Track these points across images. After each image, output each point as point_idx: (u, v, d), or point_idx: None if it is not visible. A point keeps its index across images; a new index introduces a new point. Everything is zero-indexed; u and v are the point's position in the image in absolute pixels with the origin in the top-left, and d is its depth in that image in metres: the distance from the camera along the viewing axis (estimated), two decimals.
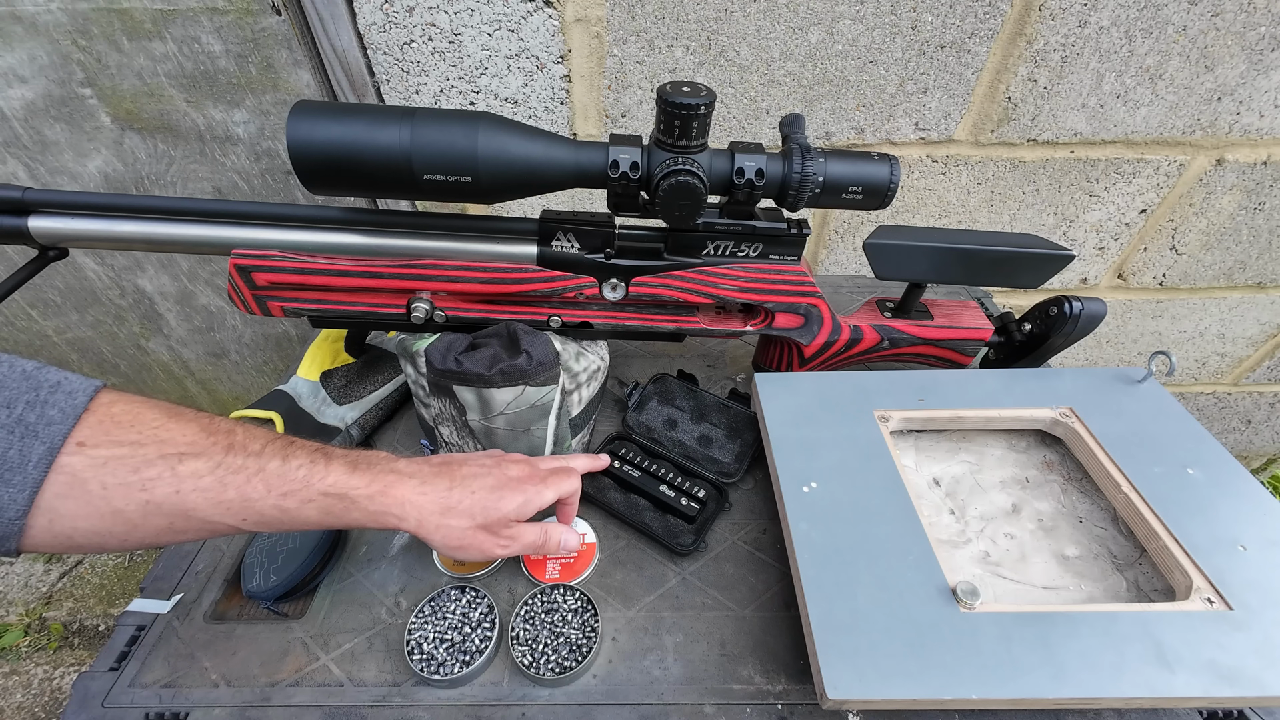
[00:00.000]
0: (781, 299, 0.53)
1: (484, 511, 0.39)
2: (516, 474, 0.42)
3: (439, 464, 0.41)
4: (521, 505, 0.41)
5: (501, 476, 0.41)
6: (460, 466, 0.41)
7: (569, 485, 0.44)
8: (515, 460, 0.44)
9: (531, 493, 0.41)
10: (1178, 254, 0.91)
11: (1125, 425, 0.50)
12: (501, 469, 0.42)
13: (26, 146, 0.79)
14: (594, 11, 0.66)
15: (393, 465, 0.39)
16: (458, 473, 0.41)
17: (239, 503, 0.34)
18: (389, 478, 0.38)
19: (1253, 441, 1.30)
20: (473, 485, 0.40)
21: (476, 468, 0.42)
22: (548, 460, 0.46)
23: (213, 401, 1.16)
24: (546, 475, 0.43)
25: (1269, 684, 0.35)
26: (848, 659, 0.36)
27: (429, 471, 0.40)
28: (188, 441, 0.33)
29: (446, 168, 0.40)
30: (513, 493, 0.41)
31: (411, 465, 0.40)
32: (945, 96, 0.73)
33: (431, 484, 0.39)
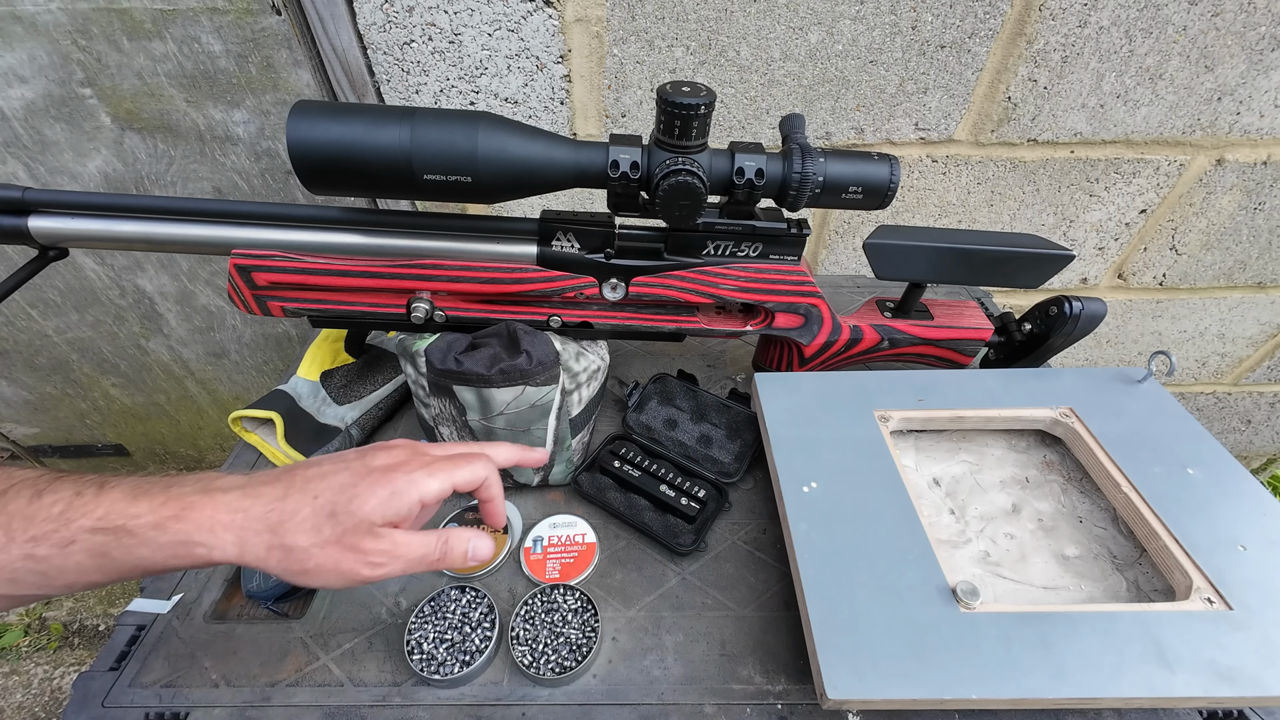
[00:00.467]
0: (781, 299, 0.53)
1: (332, 519, 0.31)
2: (384, 462, 0.34)
3: (281, 470, 0.33)
4: (387, 500, 0.32)
5: (361, 469, 0.33)
6: (306, 468, 0.33)
7: (466, 473, 0.35)
8: (391, 446, 0.36)
9: (402, 483, 0.33)
10: (1178, 254, 0.91)
11: (1125, 425, 0.50)
12: (365, 460, 0.34)
13: (26, 146, 0.79)
14: (594, 11, 0.66)
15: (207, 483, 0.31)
16: (299, 475, 0.33)
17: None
18: (192, 498, 0.30)
19: (1253, 441, 1.30)
20: (317, 488, 0.32)
21: (329, 465, 0.34)
22: (450, 445, 0.38)
23: (213, 401, 1.17)
24: (431, 461, 0.34)
25: (1269, 684, 0.35)
26: (848, 659, 0.36)
27: (259, 480, 0.32)
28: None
29: (446, 168, 0.40)
30: (372, 486, 0.32)
31: (239, 478, 0.32)
32: (945, 96, 0.74)
33: (257, 495, 0.31)
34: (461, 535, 0.35)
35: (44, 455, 1.26)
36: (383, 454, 0.35)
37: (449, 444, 0.38)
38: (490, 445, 0.40)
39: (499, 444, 0.41)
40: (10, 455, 1.24)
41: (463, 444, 0.39)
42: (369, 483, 0.32)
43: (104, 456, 1.27)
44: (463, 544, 0.35)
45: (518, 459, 0.41)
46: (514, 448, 0.41)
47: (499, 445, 0.40)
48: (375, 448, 0.36)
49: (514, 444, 0.42)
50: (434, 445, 0.38)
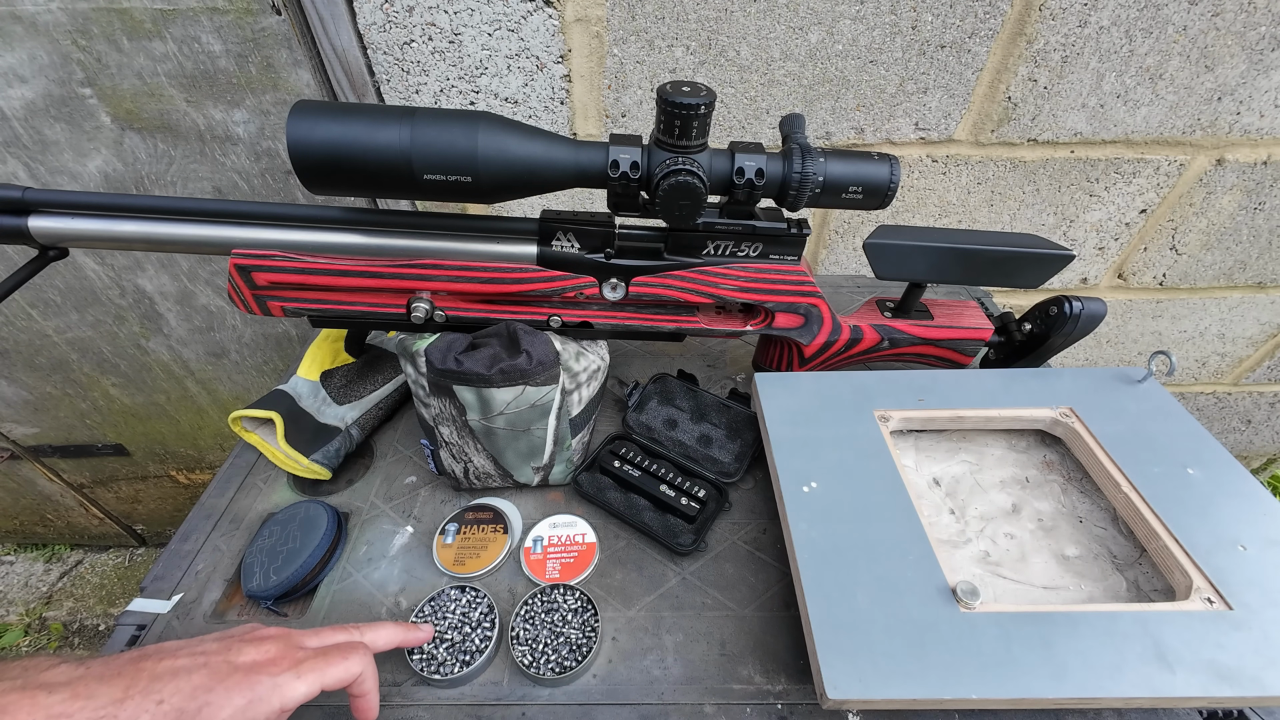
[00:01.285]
0: (781, 299, 0.53)
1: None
2: (249, 659, 0.30)
3: (127, 661, 0.29)
4: (243, 710, 0.28)
5: (221, 667, 0.29)
6: (159, 660, 0.29)
7: (339, 670, 0.32)
8: (260, 638, 0.32)
9: (265, 687, 0.29)
10: (1178, 254, 0.91)
11: (1125, 425, 0.50)
12: (227, 653, 0.30)
13: (26, 146, 0.79)
14: (594, 11, 0.66)
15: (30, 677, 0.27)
16: (148, 670, 0.28)
17: None
18: (9, 697, 0.26)
19: (1253, 441, 1.30)
20: (164, 689, 0.28)
21: (187, 658, 0.29)
22: (327, 632, 0.34)
23: (213, 401, 1.17)
24: (303, 659, 0.31)
25: (1269, 684, 0.35)
26: (848, 659, 0.36)
27: (95, 675, 0.28)
28: None
29: (446, 167, 0.40)
30: (230, 691, 0.28)
31: (73, 669, 0.28)
32: (945, 96, 0.73)
33: (88, 696, 0.26)
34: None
35: (44, 455, 1.26)
36: (250, 648, 0.31)
37: (325, 631, 0.36)
38: (370, 628, 0.38)
39: (380, 626, 0.38)
40: (10, 455, 1.24)
41: (341, 629, 0.37)
42: (226, 686, 0.29)
43: (104, 456, 1.27)
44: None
45: (400, 641, 0.39)
46: (395, 629, 0.39)
47: (380, 628, 0.38)
48: (242, 638, 0.32)
49: (396, 625, 0.40)
50: (308, 634, 0.34)
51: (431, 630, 0.42)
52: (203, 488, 0.77)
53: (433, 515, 0.54)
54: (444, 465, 0.53)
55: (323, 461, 0.55)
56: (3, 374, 1.09)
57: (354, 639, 0.36)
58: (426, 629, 0.42)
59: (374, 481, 0.57)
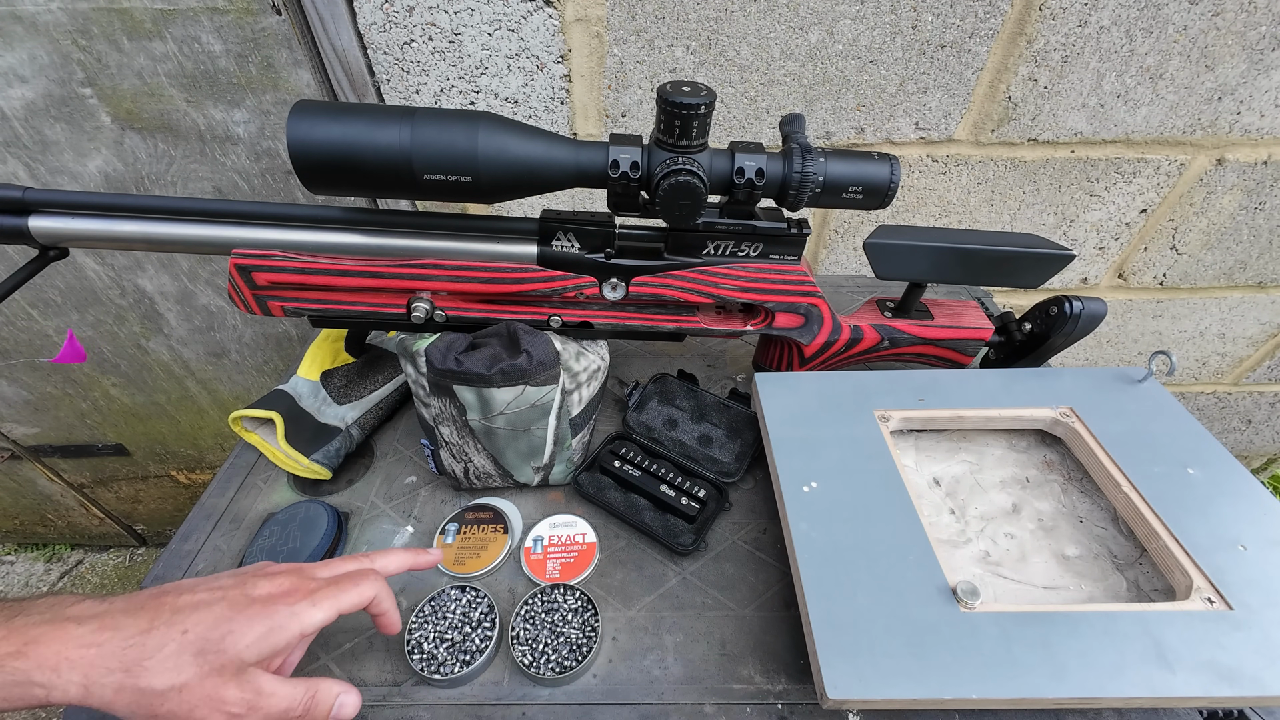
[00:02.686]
0: (782, 299, 0.53)
1: (200, 658, 0.28)
2: (266, 591, 0.31)
3: (148, 596, 0.30)
4: (265, 636, 0.29)
5: (239, 599, 0.30)
6: (179, 595, 0.30)
7: (354, 596, 0.33)
8: (274, 572, 0.33)
9: (283, 615, 0.30)
10: (1178, 254, 0.91)
11: (1125, 425, 0.50)
12: (244, 587, 0.31)
13: (27, 146, 0.79)
14: (594, 11, 0.66)
15: (58, 611, 0.28)
16: (169, 604, 0.29)
17: None
18: (38, 630, 0.27)
19: (1253, 441, 1.30)
20: (187, 620, 0.29)
21: (205, 592, 0.30)
22: (336, 563, 0.36)
23: (213, 401, 1.17)
24: (317, 588, 0.32)
25: (1269, 684, 0.35)
26: (848, 659, 0.36)
27: (120, 609, 0.29)
28: None
29: (446, 167, 0.40)
30: (250, 620, 0.29)
31: (97, 604, 0.29)
32: (945, 96, 0.73)
33: (116, 627, 0.27)
34: (330, 690, 0.33)
35: (44, 455, 1.26)
36: (264, 581, 0.32)
37: (335, 562, 0.37)
38: (380, 556, 0.39)
39: (390, 553, 0.40)
40: (11, 455, 1.24)
41: (350, 559, 0.38)
42: (246, 616, 0.30)
43: (104, 456, 1.27)
44: (330, 698, 0.32)
45: (410, 565, 0.40)
46: (405, 555, 0.40)
47: (389, 554, 0.39)
48: (256, 573, 0.33)
49: (405, 550, 0.41)
50: (319, 566, 0.36)
51: (440, 554, 0.42)
52: (203, 488, 0.77)
53: (433, 515, 0.54)
54: (444, 465, 0.53)
55: (323, 461, 0.55)
56: (3, 374, 1.09)
57: (364, 566, 0.37)
58: (435, 553, 0.42)
59: (374, 481, 0.57)
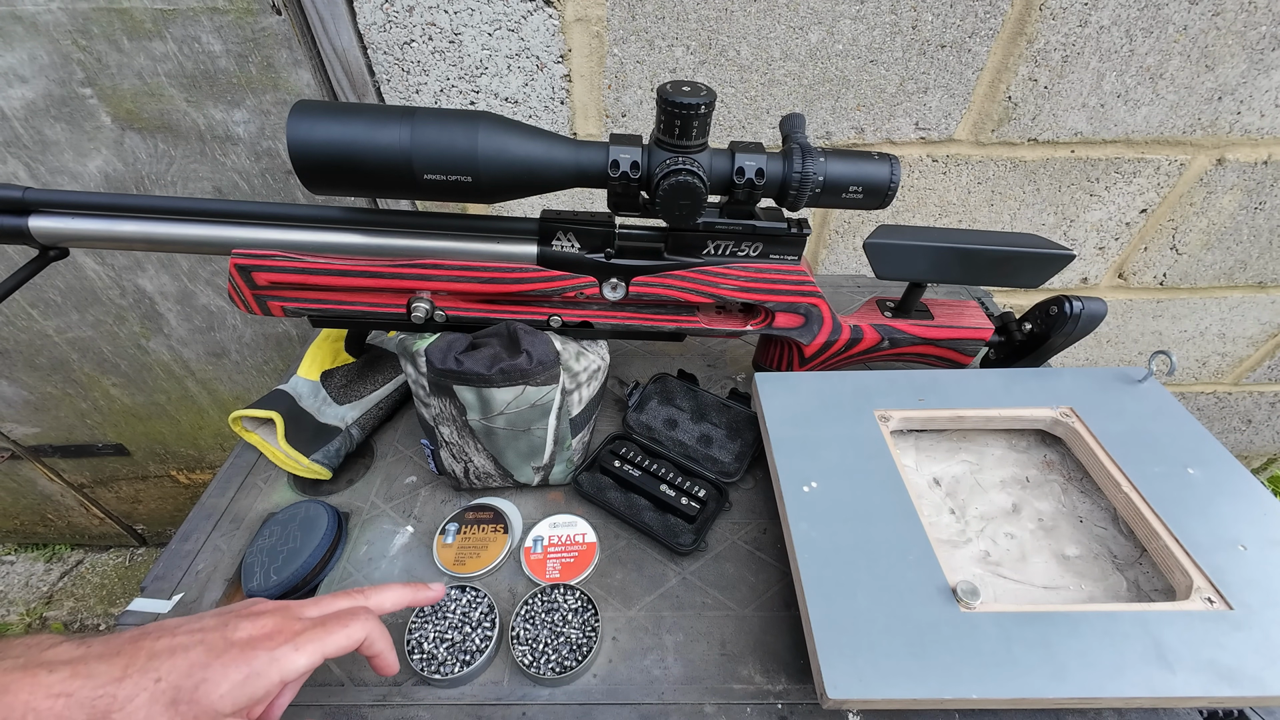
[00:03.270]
0: (782, 299, 0.53)
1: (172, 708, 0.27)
2: (247, 634, 0.30)
3: (127, 640, 0.29)
4: (241, 684, 0.28)
5: (218, 643, 0.29)
6: (158, 638, 0.29)
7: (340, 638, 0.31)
8: (258, 613, 0.31)
9: (262, 661, 0.29)
10: (1178, 253, 0.91)
11: (1126, 425, 0.50)
12: (225, 630, 0.30)
13: (27, 146, 0.79)
14: (594, 11, 0.66)
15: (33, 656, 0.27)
16: (145, 648, 0.28)
17: None
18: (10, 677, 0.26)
19: (1253, 441, 1.30)
20: (162, 667, 0.27)
21: (184, 636, 0.29)
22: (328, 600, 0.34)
23: (213, 401, 1.17)
24: (301, 630, 0.31)
25: (1269, 684, 0.35)
26: (848, 659, 0.36)
27: (95, 654, 0.27)
28: None
29: (447, 167, 0.40)
30: (227, 667, 0.28)
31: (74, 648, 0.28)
32: (945, 96, 0.73)
33: (88, 675, 0.26)
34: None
35: (44, 455, 1.26)
36: (246, 623, 0.31)
37: (327, 599, 0.35)
38: (375, 592, 0.37)
39: (386, 589, 0.37)
40: (11, 455, 1.24)
41: (344, 595, 0.36)
42: (223, 662, 0.28)
43: (104, 456, 1.27)
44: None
45: (408, 601, 0.38)
46: (403, 590, 0.38)
47: (386, 590, 0.37)
48: (240, 613, 0.31)
49: (403, 586, 0.39)
50: (308, 603, 0.34)
51: (443, 589, 0.40)
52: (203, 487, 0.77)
53: (433, 515, 0.54)
54: (444, 465, 0.53)
55: (323, 461, 0.55)
56: (3, 374, 1.09)
57: (357, 604, 0.35)
58: (438, 588, 0.40)
59: (374, 481, 0.57)
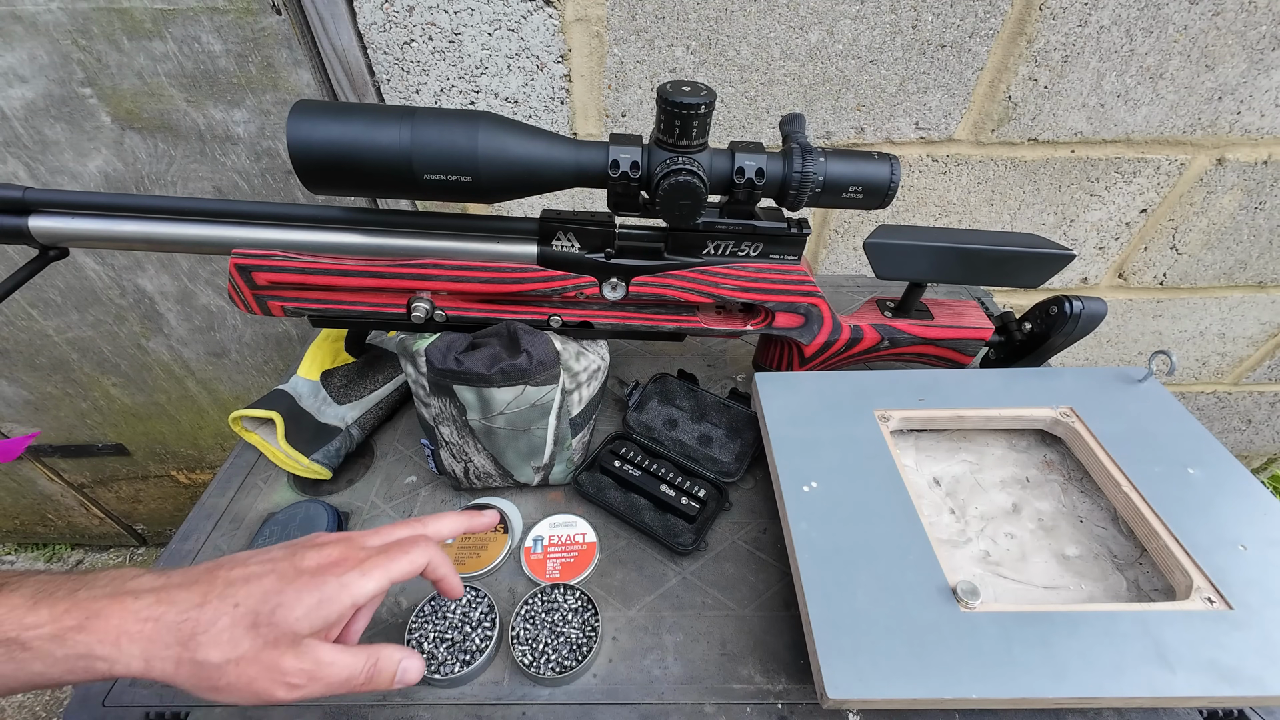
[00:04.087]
0: (782, 298, 0.53)
1: (253, 631, 0.28)
2: (315, 562, 0.31)
3: (202, 570, 0.30)
4: (316, 608, 0.30)
5: (289, 571, 0.30)
6: (230, 569, 0.30)
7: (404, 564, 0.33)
8: (322, 543, 0.33)
9: (333, 587, 0.30)
10: (1178, 253, 0.91)
11: (1126, 425, 0.50)
12: (294, 559, 0.31)
13: (27, 146, 0.79)
14: (594, 11, 0.66)
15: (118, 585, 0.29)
16: (221, 577, 0.30)
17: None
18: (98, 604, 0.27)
19: (1253, 441, 1.29)
20: (238, 594, 0.29)
21: (256, 565, 0.31)
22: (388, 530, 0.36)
23: (213, 401, 1.17)
24: (366, 557, 0.32)
25: (1269, 684, 0.35)
26: (848, 658, 0.36)
27: (176, 583, 0.29)
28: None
29: (447, 167, 0.40)
30: (300, 592, 0.30)
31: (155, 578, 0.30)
32: (946, 96, 0.73)
33: (171, 601, 0.28)
34: (392, 656, 0.32)
35: (44, 455, 1.26)
36: (313, 553, 0.32)
37: (387, 529, 0.36)
38: (433, 520, 0.38)
39: (443, 517, 0.39)
40: None
41: (402, 525, 0.37)
42: (296, 588, 0.30)
43: (104, 456, 1.27)
44: (392, 666, 0.32)
45: (465, 528, 0.39)
46: (459, 518, 0.39)
47: (442, 519, 0.38)
48: (306, 544, 0.33)
49: (459, 513, 0.40)
50: (369, 534, 0.35)
51: (496, 516, 0.42)
52: (203, 487, 0.77)
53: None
54: (444, 465, 0.53)
55: (323, 461, 0.55)
56: (3, 374, 1.09)
57: (416, 532, 0.36)
58: (491, 514, 0.42)
59: (374, 481, 0.57)
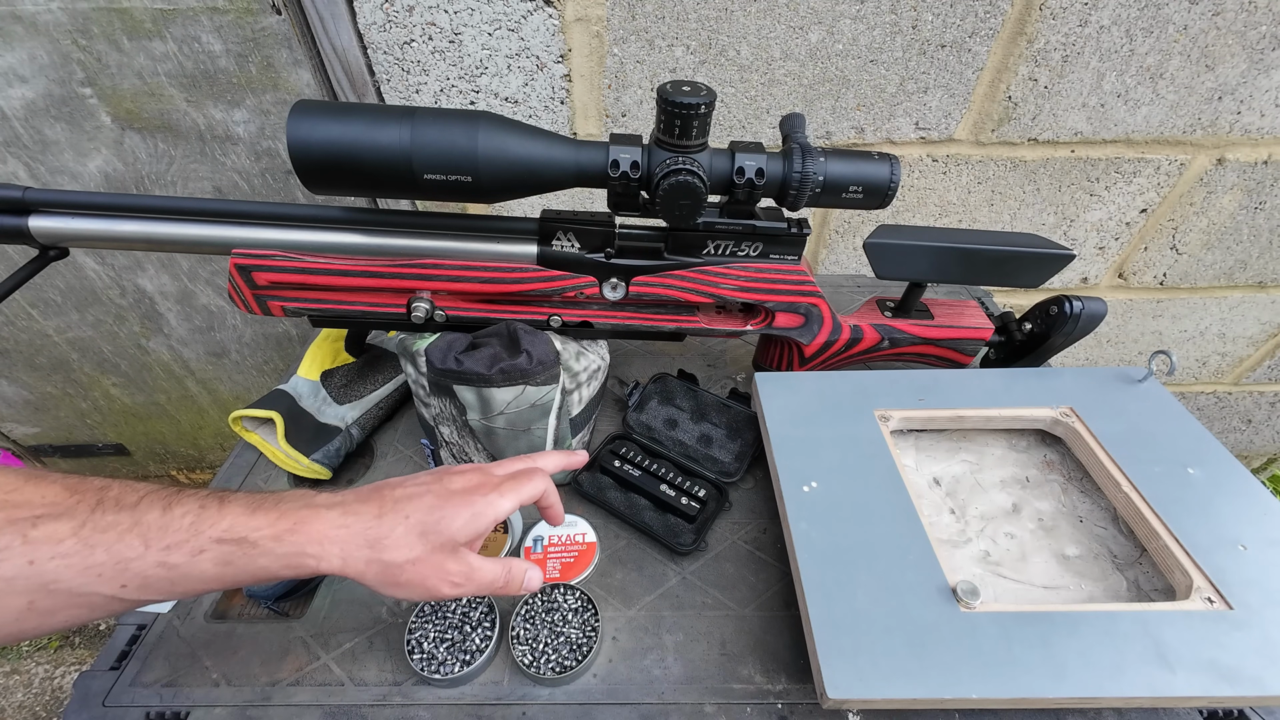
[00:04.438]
0: (782, 298, 0.53)
1: (423, 538, 0.34)
2: (461, 485, 0.37)
3: (370, 490, 0.36)
4: (470, 520, 0.35)
5: (442, 491, 0.36)
6: (393, 489, 0.36)
7: (530, 489, 0.39)
8: (461, 470, 0.39)
9: (481, 504, 0.36)
10: (1178, 253, 0.91)
11: (1126, 425, 0.50)
12: (443, 483, 0.37)
13: (27, 146, 0.79)
14: (594, 11, 0.66)
15: (308, 500, 0.34)
16: (389, 495, 0.35)
17: (111, 565, 0.29)
18: (302, 513, 0.33)
19: (1253, 441, 1.30)
20: (407, 508, 0.35)
21: (414, 487, 0.36)
22: (506, 463, 0.41)
23: (213, 401, 1.17)
24: (500, 482, 0.38)
25: (1269, 683, 0.35)
26: (848, 658, 0.36)
27: (354, 499, 0.35)
28: (47, 503, 0.29)
29: (447, 167, 0.40)
30: (457, 508, 0.35)
31: (334, 496, 0.35)
32: (946, 96, 0.73)
33: (356, 514, 0.34)
34: (521, 566, 0.39)
35: (44, 455, 1.26)
36: (457, 478, 0.37)
37: (505, 462, 0.41)
38: (540, 457, 0.43)
39: (547, 454, 0.44)
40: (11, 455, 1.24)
41: (518, 460, 0.42)
42: (453, 505, 0.35)
43: (104, 456, 1.27)
44: (521, 573, 0.39)
45: (564, 464, 0.44)
46: (559, 456, 0.44)
47: (548, 455, 0.43)
48: (447, 472, 0.38)
49: (558, 452, 0.45)
50: (495, 465, 0.40)
51: (586, 456, 0.46)
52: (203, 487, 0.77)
53: None
54: (444, 465, 0.53)
55: (323, 461, 0.55)
56: (3, 373, 1.09)
57: (532, 465, 0.41)
58: (581, 454, 0.46)
59: (374, 481, 0.57)
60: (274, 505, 0.33)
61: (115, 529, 0.29)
